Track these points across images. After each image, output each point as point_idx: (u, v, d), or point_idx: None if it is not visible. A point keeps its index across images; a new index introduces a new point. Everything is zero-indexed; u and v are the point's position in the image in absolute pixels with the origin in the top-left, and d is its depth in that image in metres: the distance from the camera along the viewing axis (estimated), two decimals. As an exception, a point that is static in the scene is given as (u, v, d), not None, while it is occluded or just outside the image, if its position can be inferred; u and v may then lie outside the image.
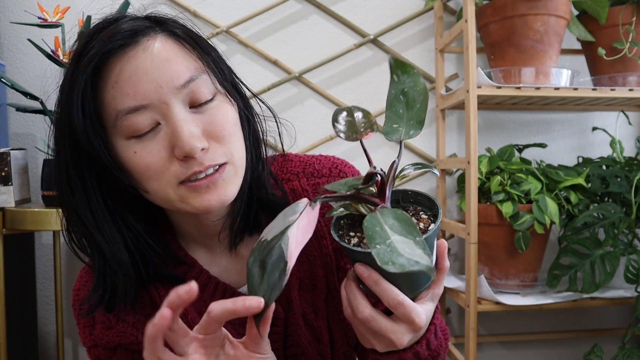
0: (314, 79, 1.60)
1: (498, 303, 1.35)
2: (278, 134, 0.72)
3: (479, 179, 1.39)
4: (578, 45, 1.56)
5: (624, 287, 1.48)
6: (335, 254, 0.71)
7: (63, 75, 0.60)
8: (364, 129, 0.59)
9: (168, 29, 0.60)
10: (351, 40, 1.61)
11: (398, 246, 0.44)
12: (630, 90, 1.36)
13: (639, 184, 1.35)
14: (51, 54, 1.23)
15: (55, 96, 0.61)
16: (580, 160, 1.57)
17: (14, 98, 1.44)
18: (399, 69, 0.59)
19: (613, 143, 1.52)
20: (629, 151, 1.67)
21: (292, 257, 0.48)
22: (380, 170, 0.54)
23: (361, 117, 0.59)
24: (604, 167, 1.47)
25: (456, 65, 1.66)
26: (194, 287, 0.48)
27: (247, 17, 1.55)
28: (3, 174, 1.26)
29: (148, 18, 0.61)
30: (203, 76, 0.59)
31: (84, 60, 0.56)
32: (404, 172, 0.58)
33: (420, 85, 0.58)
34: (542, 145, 1.55)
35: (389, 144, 1.57)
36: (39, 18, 1.26)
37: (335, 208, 0.57)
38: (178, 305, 0.48)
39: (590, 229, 1.35)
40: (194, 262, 0.69)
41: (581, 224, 1.37)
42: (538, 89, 1.32)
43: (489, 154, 1.49)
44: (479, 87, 1.30)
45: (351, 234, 0.56)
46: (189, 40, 0.60)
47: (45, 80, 1.40)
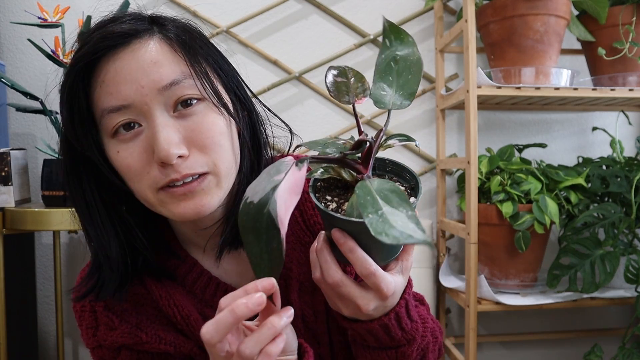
0: (314, 79, 1.60)
1: (498, 303, 1.35)
2: (290, 143, 0.71)
3: (479, 179, 1.39)
4: (578, 45, 1.56)
5: (624, 287, 1.48)
6: None
7: (64, 75, 0.60)
8: (357, 93, 0.57)
9: (163, 31, 0.60)
10: (351, 40, 1.61)
11: (390, 218, 0.43)
12: (630, 90, 1.36)
13: (639, 184, 1.35)
14: (51, 54, 1.23)
15: (55, 96, 0.61)
16: (580, 160, 1.57)
17: (14, 98, 1.44)
18: (393, 34, 0.57)
19: (613, 143, 1.52)
20: (629, 151, 1.67)
21: (284, 223, 0.46)
22: (371, 138, 0.53)
23: (354, 81, 0.57)
24: (604, 167, 1.47)
25: (456, 65, 1.66)
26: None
27: (247, 17, 1.55)
28: (3, 174, 1.26)
29: (148, 18, 0.61)
30: (189, 81, 0.58)
31: (76, 59, 0.57)
32: (389, 143, 0.57)
33: (415, 55, 0.56)
34: (542, 145, 1.55)
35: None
36: (39, 18, 1.25)
37: (314, 169, 0.55)
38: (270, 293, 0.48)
39: (590, 229, 1.35)
40: (195, 263, 0.69)
41: (581, 224, 1.37)
42: (538, 89, 1.32)
43: (489, 154, 1.49)
44: (479, 87, 1.30)
45: (328, 198, 0.54)
46: (182, 45, 0.59)
47: (45, 80, 1.40)
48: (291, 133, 0.70)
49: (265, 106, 0.70)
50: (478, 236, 1.32)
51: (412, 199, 0.53)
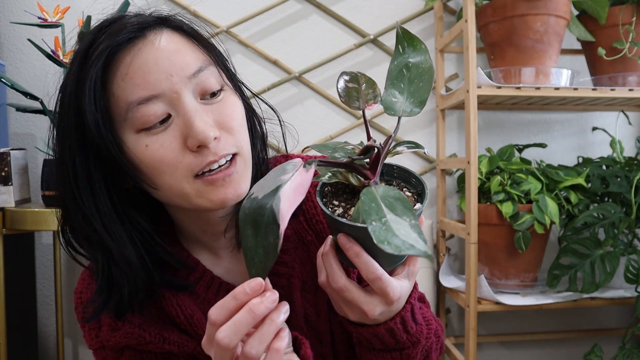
0: (314, 79, 1.60)
1: (498, 303, 1.35)
2: (282, 135, 0.72)
3: (479, 179, 1.39)
4: (578, 45, 1.56)
5: (624, 287, 1.48)
6: None
7: (64, 75, 0.59)
8: (367, 99, 0.57)
9: (173, 24, 0.61)
10: (351, 40, 1.61)
11: (393, 226, 0.43)
12: (630, 90, 1.36)
13: (639, 184, 1.35)
14: (51, 54, 1.23)
15: (55, 96, 0.60)
16: (580, 160, 1.57)
17: (14, 98, 1.44)
18: (406, 41, 0.57)
19: (613, 143, 1.52)
20: (629, 151, 1.67)
21: (285, 219, 0.46)
22: (379, 144, 0.53)
23: (365, 87, 0.57)
24: (604, 167, 1.47)
25: (456, 65, 1.66)
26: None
27: (247, 17, 1.55)
28: (3, 174, 1.26)
29: (152, 16, 0.61)
30: (211, 68, 0.60)
31: (94, 54, 0.56)
32: (397, 149, 0.57)
33: (427, 62, 0.56)
34: (542, 145, 1.55)
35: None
36: (39, 18, 1.25)
37: (322, 173, 0.55)
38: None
39: (590, 229, 1.35)
40: (197, 263, 0.69)
41: (581, 224, 1.37)
42: (538, 89, 1.32)
43: (489, 154, 1.49)
44: (479, 87, 1.30)
45: (335, 203, 0.55)
46: (195, 35, 0.61)
47: (45, 80, 1.40)
48: (281, 125, 0.71)
49: (253, 93, 0.71)
50: (478, 236, 1.32)
51: (418, 205, 0.54)
